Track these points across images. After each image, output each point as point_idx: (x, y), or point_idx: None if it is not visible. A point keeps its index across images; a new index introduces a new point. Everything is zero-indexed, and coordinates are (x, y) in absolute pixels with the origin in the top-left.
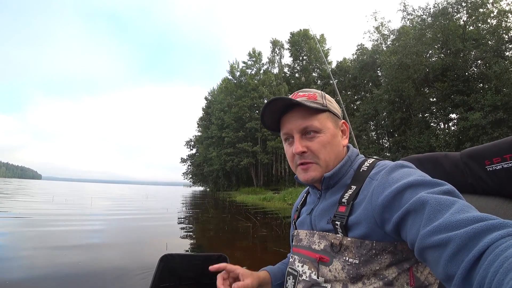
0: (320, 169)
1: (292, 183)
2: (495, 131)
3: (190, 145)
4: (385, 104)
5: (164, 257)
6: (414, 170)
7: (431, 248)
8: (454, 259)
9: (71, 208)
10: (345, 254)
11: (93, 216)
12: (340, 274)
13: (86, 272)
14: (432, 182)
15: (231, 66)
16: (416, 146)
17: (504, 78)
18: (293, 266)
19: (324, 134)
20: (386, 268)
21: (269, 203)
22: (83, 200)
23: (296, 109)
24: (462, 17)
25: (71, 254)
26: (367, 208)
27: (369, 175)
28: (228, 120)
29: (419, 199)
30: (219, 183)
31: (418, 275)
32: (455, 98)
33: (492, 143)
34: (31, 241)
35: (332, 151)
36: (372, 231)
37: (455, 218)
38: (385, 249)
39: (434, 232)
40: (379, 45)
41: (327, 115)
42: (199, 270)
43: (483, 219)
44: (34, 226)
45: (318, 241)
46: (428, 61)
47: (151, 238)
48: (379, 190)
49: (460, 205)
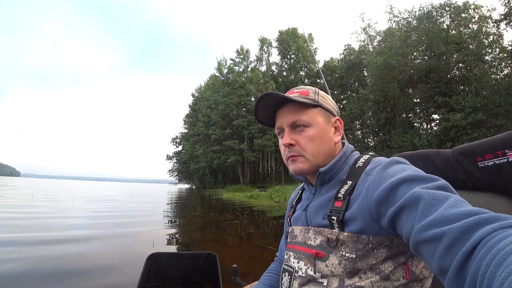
0: (307, 162)
1: (278, 180)
2: (475, 132)
3: (176, 142)
4: (371, 104)
5: (152, 256)
6: (408, 166)
7: (426, 243)
8: (448, 253)
9: (52, 209)
10: (341, 249)
11: (76, 217)
12: (336, 269)
13: (71, 270)
14: (426, 177)
15: (219, 63)
16: (400, 145)
17: (484, 81)
18: (289, 263)
19: (313, 129)
20: (382, 262)
21: (255, 200)
22: (65, 197)
23: (288, 105)
24: (446, 21)
25: (54, 249)
26: (362, 203)
27: (365, 171)
28: (215, 117)
29: (413, 194)
30: (205, 181)
31: (413, 268)
32: (438, 99)
33: (483, 140)
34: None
35: (321, 146)
36: (368, 225)
37: (448, 213)
38: (381, 243)
39: (428, 226)
40: (365, 45)
41: (317, 111)
42: (188, 268)
43: (476, 213)
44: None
45: (314, 236)
46: (412, 63)
47: (137, 237)
48: (374, 185)
49: (454, 199)
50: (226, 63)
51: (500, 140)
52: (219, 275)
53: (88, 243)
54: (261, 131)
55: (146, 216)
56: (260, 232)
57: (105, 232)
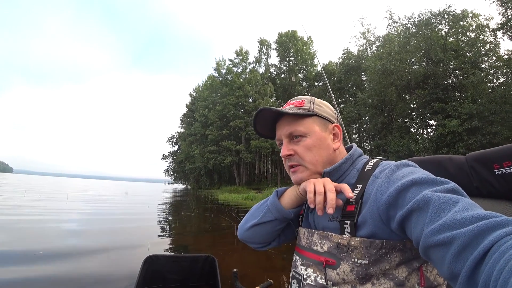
0: (307, 171)
1: (274, 182)
2: (470, 138)
3: (173, 142)
4: (368, 108)
5: (149, 259)
6: (418, 169)
7: (436, 247)
8: (458, 257)
9: (45, 208)
10: (353, 256)
11: (71, 213)
12: (349, 276)
13: (64, 273)
14: (436, 180)
15: (218, 63)
16: (396, 150)
17: (480, 89)
18: (296, 269)
19: (309, 138)
20: (396, 268)
21: (252, 202)
22: (59, 195)
23: (285, 117)
24: (444, 28)
25: (48, 249)
26: (372, 206)
27: (373, 174)
28: (212, 117)
29: (423, 197)
30: (201, 181)
31: (428, 275)
32: (435, 105)
33: (501, 147)
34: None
35: (319, 154)
36: (379, 229)
37: (459, 216)
38: (394, 247)
39: (438, 230)
40: (364, 50)
41: (313, 120)
42: (186, 271)
43: (487, 217)
44: None
45: (320, 241)
46: (410, 69)
47: (132, 238)
48: (383, 188)
49: (464, 203)
50: (225, 64)
51: None
52: (218, 279)
53: (81, 254)
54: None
55: (141, 217)
56: None
57: (100, 232)
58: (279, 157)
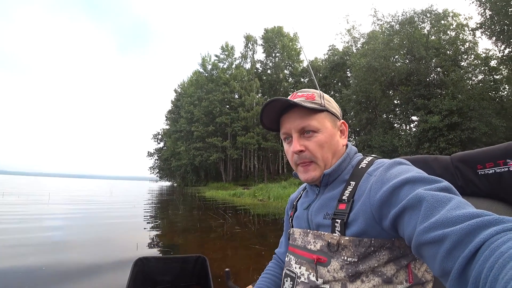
0: (319, 168)
1: (261, 178)
2: (450, 133)
3: (158, 139)
4: (353, 104)
5: (139, 261)
6: (412, 167)
7: (428, 244)
8: (450, 255)
9: (26, 213)
10: (343, 254)
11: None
12: (338, 274)
13: (49, 277)
14: (429, 178)
15: (203, 59)
16: (381, 145)
17: (460, 86)
18: (290, 268)
19: (322, 134)
20: (384, 265)
21: (239, 199)
22: (40, 197)
23: (294, 109)
24: (426, 27)
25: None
26: (365, 203)
27: (367, 171)
28: (198, 114)
29: (416, 195)
30: (187, 178)
31: (416, 271)
32: (417, 102)
33: (484, 149)
34: None
35: (330, 150)
36: (370, 227)
37: (451, 215)
38: (383, 245)
39: (430, 228)
40: (349, 47)
41: (325, 115)
42: (177, 273)
43: (479, 215)
44: None
45: (313, 241)
46: (394, 66)
47: (120, 238)
48: (377, 186)
49: (457, 201)
50: (211, 59)
51: (502, 150)
52: (210, 279)
53: (66, 251)
54: (244, 128)
55: (127, 216)
56: (246, 231)
57: (84, 236)
58: (265, 153)
